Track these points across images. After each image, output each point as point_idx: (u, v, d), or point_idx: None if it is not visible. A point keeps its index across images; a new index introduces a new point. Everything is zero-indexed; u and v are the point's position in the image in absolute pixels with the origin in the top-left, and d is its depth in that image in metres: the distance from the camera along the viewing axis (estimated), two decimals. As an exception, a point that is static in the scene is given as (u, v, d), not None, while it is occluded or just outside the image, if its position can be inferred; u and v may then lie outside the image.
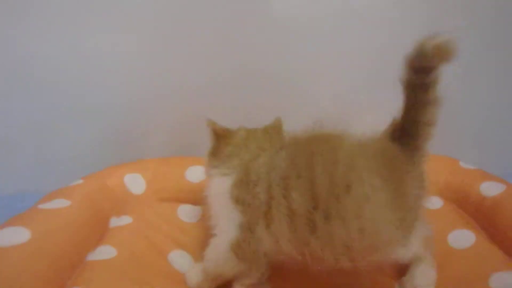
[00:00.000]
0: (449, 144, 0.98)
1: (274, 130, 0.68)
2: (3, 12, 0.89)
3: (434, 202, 0.84)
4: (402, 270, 0.66)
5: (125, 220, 0.78)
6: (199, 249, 0.68)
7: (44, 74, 0.94)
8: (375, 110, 0.96)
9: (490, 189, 0.76)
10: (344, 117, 0.55)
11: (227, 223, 0.60)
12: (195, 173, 0.88)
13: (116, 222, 0.78)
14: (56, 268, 0.58)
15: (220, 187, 0.61)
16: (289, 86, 0.98)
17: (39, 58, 0.92)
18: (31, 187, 0.96)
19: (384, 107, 0.60)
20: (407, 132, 0.56)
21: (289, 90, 0.98)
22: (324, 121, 0.57)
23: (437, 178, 0.87)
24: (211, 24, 0.93)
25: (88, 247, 0.67)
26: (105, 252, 0.67)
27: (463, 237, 0.72)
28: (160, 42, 0.94)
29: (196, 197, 0.81)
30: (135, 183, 0.87)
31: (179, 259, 0.71)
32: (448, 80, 0.53)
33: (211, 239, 0.62)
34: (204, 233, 0.69)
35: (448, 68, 0.51)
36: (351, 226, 0.50)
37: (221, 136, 0.66)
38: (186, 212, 0.83)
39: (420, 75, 0.52)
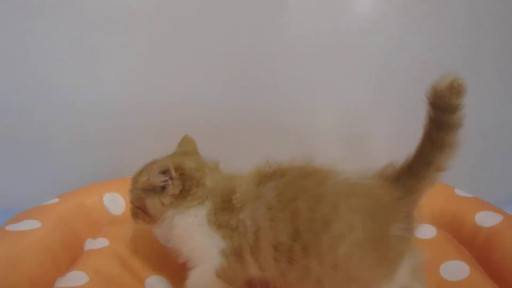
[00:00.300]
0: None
1: (194, 151, 0.70)
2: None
3: (428, 231, 0.80)
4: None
5: (101, 242, 0.74)
6: (178, 274, 0.64)
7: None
8: (381, 130, 0.96)
9: (485, 219, 0.73)
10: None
11: (208, 251, 0.58)
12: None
13: (91, 244, 0.74)
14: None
15: (190, 220, 0.59)
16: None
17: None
18: (3, 203, 0.94)
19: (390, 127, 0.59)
20: (413, 173, 0.57)
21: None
22: (313, 155, 0.59)
23: (431, 205, 0.83)
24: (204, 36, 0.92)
25: (58, 272, 0.63)
26: (75, 278, 0.63)
27: (456, 269, 0.69)
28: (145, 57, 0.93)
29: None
30: (114, 202, 0.83)
31: (158, 285, 0.67)
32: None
33: (191, 271, 0.60)
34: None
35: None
36: (325, 262, 0.53)
37: (188, 178, 0.62)
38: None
39: (445, 113, 0.53)
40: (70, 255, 0.68)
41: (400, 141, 0.64)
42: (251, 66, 0.94)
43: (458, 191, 0.85)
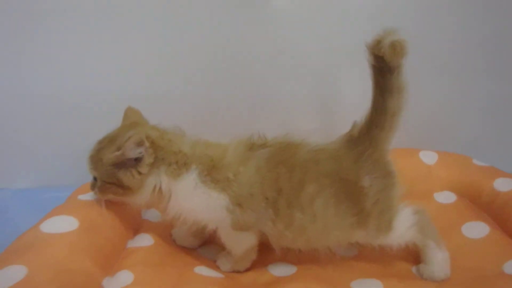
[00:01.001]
0: (461, 142, 1.04)
1: (143, 121, 0.72)
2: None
3: (447, 197, 0.89)
4: (418, 257, 0.72)
5: (155, 213, 0.82)
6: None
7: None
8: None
9: (503, 185, 0.81)
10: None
11: (215, 213, 0.64)
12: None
13: (147, 214, 0.81)
14: (104, 254, 0.62)
15: (185, 187, 0.64)
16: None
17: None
18: (50, 181, 0.99)
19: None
20: (374, 124, 0.66)
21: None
22: (290, 129, 0.70)
23: (450, 175, 0.92)
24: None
25: (128, 235, 0.71)
26: (143, 240, 0.71)
27: (477, 228, 0.77)
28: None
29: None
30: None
31: (207, 251, 0.76)
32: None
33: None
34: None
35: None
36: (306, 213, 0.65)
37: None
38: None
39: (385, 63, 0.61)
40: (134, 221, 0.75)
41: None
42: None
43: (475, 161, 0.93)
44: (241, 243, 0.68)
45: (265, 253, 0.72)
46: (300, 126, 1.03)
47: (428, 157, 0.96)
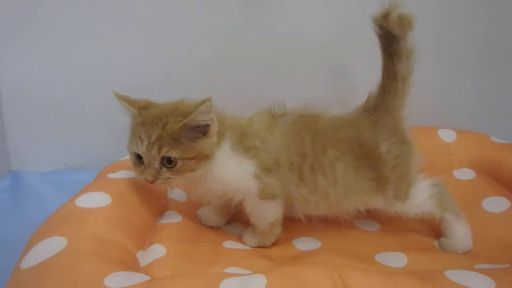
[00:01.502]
0: (480, 121, 1.04)
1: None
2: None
3: (466, 174, 0.90)
4: (439, 231, 0.74)
5: (179, 192, 0.83)
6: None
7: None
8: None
9: (523, 160, 0.82)
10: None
11: (244, 180, 0.65)
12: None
13: (172, 193, 0.83)
14: (136, 228, 0.63)
15: (222, 155, 0.65)
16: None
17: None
18: (74, 164, 1.02)
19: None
20: (386, 90, 0.71)
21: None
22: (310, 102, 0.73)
23: (469, 152, 0.93)
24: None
25: (157, 213, 0.73)
26: (171, 217, 0.73)
27: (497, 203, 0.78)
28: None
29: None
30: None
31: (232, 228, 0.78)
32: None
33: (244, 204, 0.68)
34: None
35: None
36: (328, 177, 0.68)
37: None
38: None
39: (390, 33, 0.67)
40: (160, 200, 0.77)
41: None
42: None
43: (494, 139, 0.94)
44: (267, 214, 0.69)
45: (289, 229, 0.74)
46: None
47: (447, 135, 0.96)
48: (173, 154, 0.59)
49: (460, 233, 0.70)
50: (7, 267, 0.53)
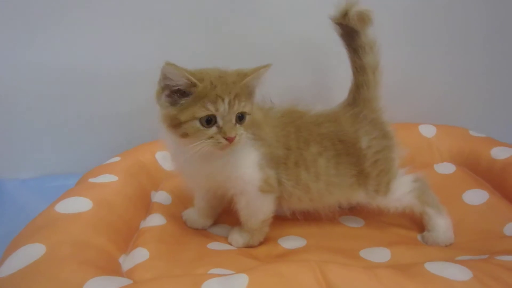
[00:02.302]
0: (458, 115, 1.06)
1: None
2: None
3: (447, 168, 0.92)
4: (422, 225, 0.75)
5: (164, 195, 0.83)
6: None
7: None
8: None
9: (500, 153, 0.84)
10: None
11: (251, 170, 0.65)
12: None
13: (155, 196, 0.82)
14: (118, 232, 0.63)
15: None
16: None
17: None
18: (55, 170, 1.00)
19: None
20: (360, 84, 0.73)
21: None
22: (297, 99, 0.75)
23: (449, 146, 0.95)
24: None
25: (140, 216, 0.72)
26: (155, 220, 0.72)
27: (477, 196, 0.80)
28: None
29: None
30: (166, 160, 0.90)
31: (217, 229, 0.77)
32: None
33: (241, 198, 0.68)
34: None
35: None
36: (310, 171, 0.69)
37: None
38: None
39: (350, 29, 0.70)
40: (144, 203, 0.77)
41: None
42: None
43: (472, 132, 0.96)
44: (262, 209, 0.69)
45: (274, 228, 0.74)
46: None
47: (427, 130, 0.98)
48: (246, 108, 0.62)
49: (441, 226, 0.72)
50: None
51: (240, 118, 0.61)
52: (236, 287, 0.45)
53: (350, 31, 0.70)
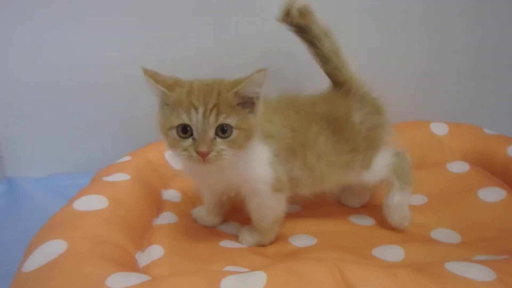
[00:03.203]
0: (471, 113, 1.05)
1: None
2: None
3: (460, 166, 0.91)
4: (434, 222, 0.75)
5: (174, 193, 0.84)
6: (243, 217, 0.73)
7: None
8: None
9: (517, 151, 0.83)
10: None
11: (264, 170, 0.64)
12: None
13: (166, 194, 0.83)
14: (133, 229, 0.64)
15: None
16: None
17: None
18: (67, 169, 1.01)
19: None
20: (331, 69, 0.74)
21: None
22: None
23: (462, 145, 0.94)
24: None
25: (152, 214, 0.73)
26: (167, 218, 0.73)
27: (493, 193, 0.79)
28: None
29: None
30: (175, 158, 0.89)
31: (228, 227, 0.78)
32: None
33: (254, 199, 0.67)
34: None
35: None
36: (313, 152, 0.69)
37: None
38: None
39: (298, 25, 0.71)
40: (155, 201, 0.78)
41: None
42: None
43: (486, 130, 0.95)
44: (274, 209, 0.68)
45: (284, 226, 0.74)
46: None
47: (439, 128, 0.97)
48: (231, 121, 0.56)
49: (395, 201, 0.73)
50: (4, 273, 0.53)
51: (223, 131, 0.56)
52: (254, 284, 0.46)
53: (300, 27, 0.72)
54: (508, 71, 1.06)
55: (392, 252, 0.67)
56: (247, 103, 0.58)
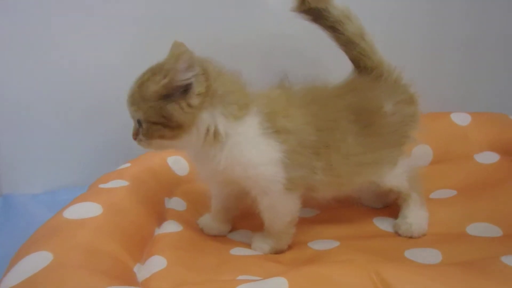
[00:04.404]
0: (495, 99, 0.99)
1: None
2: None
3: (489, 157, 0.83)
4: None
5: (178, 201, 0.76)
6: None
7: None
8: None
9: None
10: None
11: (272, 167, 0.57)
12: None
13: (169, 203, 0.76)
14: (131, 239, 0.56)
15: (244, 131, 0.57)
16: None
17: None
18: (64, 184, 0.96)
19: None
20: (358, 58, 0.67)
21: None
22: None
23: (487, 134, 0.86)
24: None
25: (154, 222, 0.65)
26: (170, 226, 0.65)
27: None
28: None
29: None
30: (178, 164, 0.85)
31: (238, 235, 0.70)
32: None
33: (264, 199, 0.60)
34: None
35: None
36: (340, 152, 0.61)
37: None
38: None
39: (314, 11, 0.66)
40: (157, 210, 0.70)
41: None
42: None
43: (512, 117, 0.87)
44: (288, 209, 0.61)
45: (300, 232, 0.66)
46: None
47: (461, 118, 0.90)
48: (138, 114, 0.56)
49: (420, 216, 0.67)
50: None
51: (139, 123, 0.56)
52: (275, 291, 0.38)
53: (318, 12, 0.66)
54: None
55: (428, 254, 0.59)
56: (183, 87, 0.54)
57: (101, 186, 0.66)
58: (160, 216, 0.70)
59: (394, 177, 0.67)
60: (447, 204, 0.72)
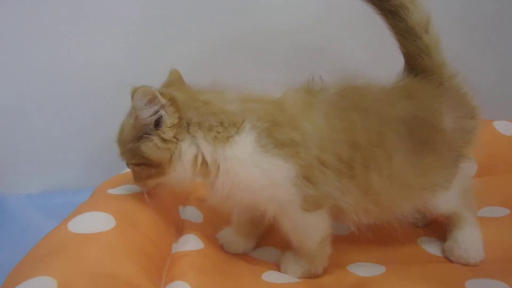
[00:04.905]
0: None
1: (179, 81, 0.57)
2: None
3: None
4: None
5: (193, 211, 0.67)
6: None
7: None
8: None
9: None
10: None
11: (278, 190, 0.50)
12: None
13: (185, 213, 0.67)
14: (148, 257, 0.47)
15: (239, 152, 0.50)
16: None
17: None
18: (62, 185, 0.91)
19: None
20: (416, 53, 0.56)
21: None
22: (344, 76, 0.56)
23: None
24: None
25: (171, 237, 0.57)
26: (191, 243, 0.56)
27: None
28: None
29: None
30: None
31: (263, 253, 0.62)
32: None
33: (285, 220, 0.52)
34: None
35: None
36: (383, 173, 0.51)
37: None
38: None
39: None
40: (172, 220, 0.61)
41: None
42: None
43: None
44: (315, 229, 0.53)
45: (338, 253, 0.57)
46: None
47: (505, 127, 0.83)
48: (123, 158, 0.54)
49: (475, 238, 0.58)
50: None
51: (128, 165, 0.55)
52: None
53: (385, 5, 0.56)
54: None
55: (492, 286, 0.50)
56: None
57: (110, 191, 0.57)
58: (177, 228, 0.61)
59: (446, 202, 0.58)
60: (499, 225, 0.64)
